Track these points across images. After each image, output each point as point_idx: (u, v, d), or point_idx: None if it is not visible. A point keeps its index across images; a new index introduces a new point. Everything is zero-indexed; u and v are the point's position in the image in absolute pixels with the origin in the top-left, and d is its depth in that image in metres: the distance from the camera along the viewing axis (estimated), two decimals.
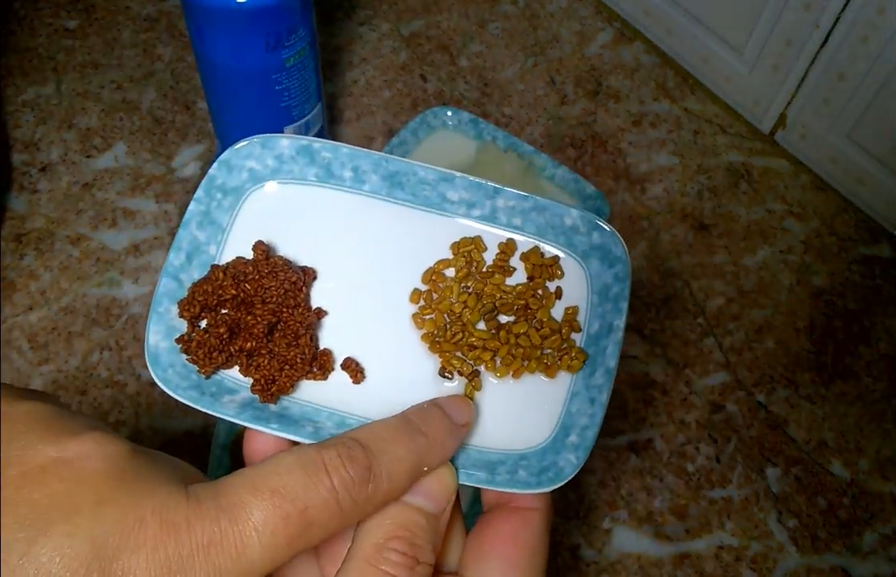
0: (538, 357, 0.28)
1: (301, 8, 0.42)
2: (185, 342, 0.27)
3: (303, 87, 0.45)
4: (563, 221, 0.29)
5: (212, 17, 0.40)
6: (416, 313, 0.29)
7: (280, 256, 0.29)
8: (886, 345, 0.51)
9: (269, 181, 0.30)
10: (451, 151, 0.56)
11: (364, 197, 0.30)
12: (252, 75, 0.43)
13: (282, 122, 0.45)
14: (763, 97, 0.59)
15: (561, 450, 0.26)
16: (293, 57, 0.43)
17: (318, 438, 0.26)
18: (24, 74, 0.59)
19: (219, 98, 0.46)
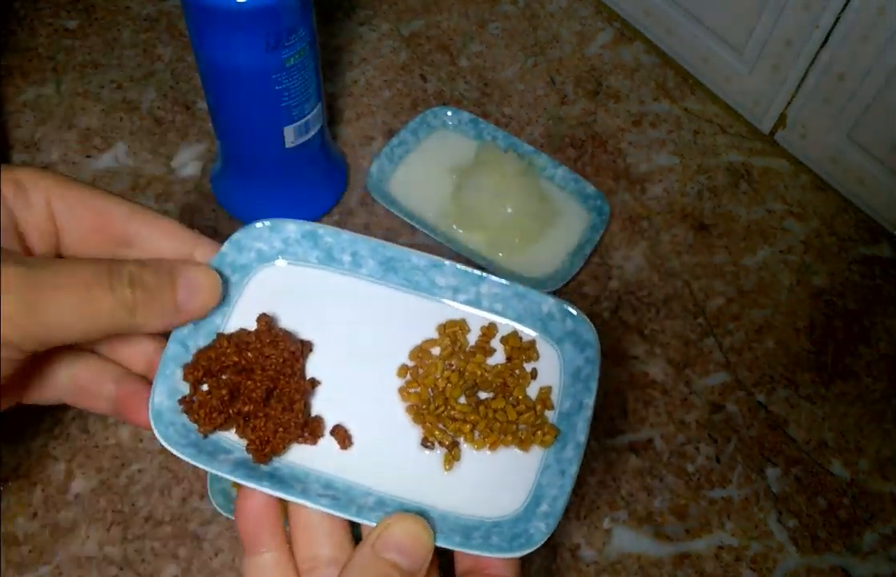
0: (514, 432, 0.30)
1: (301, 8, 0.42)
2: (187, 403, 0.29)
3: (303, 87, 0.45)
4: (540, 309, 0.32)
5: (211, 17, 0.40)
6: (403, 387, 0.31)
7: (281, 328, 0.31)
8: (886, 345, 0.51)
9: (275, 261, 0.33)
10: (451, 150, 0.56)
11: (360, 280, 0.33)
12: (252, 75, 0.43)
13: (282, 122, 0.45)
14: (763, 97, 0.59)
15: (532, 518, 0.28)
16: (293, 57, 0.43)
17: (306, 498, 0.27)
18: (25, 74, 0.59)
19: (218, 98, 0.46)
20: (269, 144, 0.47)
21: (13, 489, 0.43)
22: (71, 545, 0.41)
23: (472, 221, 0.51)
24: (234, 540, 0.42)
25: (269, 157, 0.48)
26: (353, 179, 0.56)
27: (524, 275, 0.50)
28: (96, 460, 0.44)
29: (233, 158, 0.50)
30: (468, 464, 0.30)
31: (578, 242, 0.52)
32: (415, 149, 0.55)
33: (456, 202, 0.52)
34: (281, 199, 0.51)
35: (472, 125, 0.56)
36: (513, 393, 0.31)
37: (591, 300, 0.52)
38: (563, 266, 0.50)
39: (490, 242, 0.51)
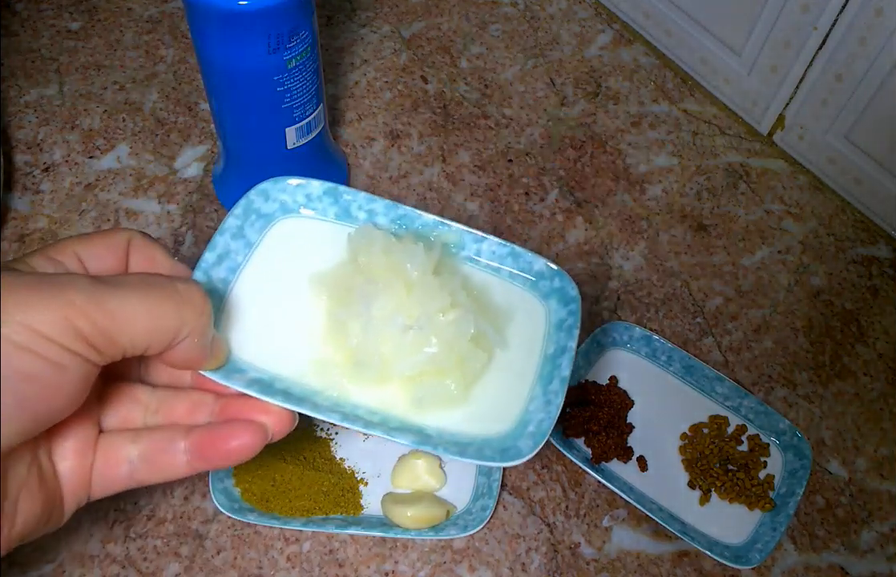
0: (746, 494, 0.45)
1: (303, 9, 0.42)
2: (566, 416, 0.46)
3: (304, 89, 0.45)
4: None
5: (213, 19, 0.40)
6: (682, 446, 0.46)
7: (620, 387, 0.47)
8: (884, 344, 0.52)
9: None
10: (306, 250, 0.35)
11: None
12: (254, 77, 0.43)
13: (283, 123, 0.46)
14: (761, 98, 0.59)
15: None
16: (295, 59, 0.43)
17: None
18: (27, 75, 0.60)
19: (220, 99, 0.46)
20: (271, 145, 0.47)
21: None
22: (74, 544, 0.41)
23: (372, 372, 0.31)
24: (236, 538, 0.42)
25: (271, 157, 0.48)
26: (355, 178, 0.56)
27: (474, 435, 0.31)
28: None
29: (235, 159, 0.50)
30: (714, 504, 0.44)
31: (543, 357, 0.33)
32: (251, 260, 0.34)
33: (337, 343, 0.32)
34: None
35: (332, 200, 0.35)
36: (751, 472, 0.45)
37: (591, 300, 0.52)
38: (533, 405, 0.32)
39: (409, 398, 0.32)
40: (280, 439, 0.30)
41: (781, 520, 0.43)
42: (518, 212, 0.56)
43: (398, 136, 0.59)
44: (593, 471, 0.44)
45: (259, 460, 0.43)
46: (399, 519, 0.41)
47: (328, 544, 0.42)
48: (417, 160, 0.58)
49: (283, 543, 0.42)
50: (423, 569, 0.42)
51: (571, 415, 0.46)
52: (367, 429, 0.30)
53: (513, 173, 0.58)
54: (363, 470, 0.44)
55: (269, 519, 0.41)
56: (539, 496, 0.44)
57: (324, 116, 0.49)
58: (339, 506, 0.42)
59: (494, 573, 0.42)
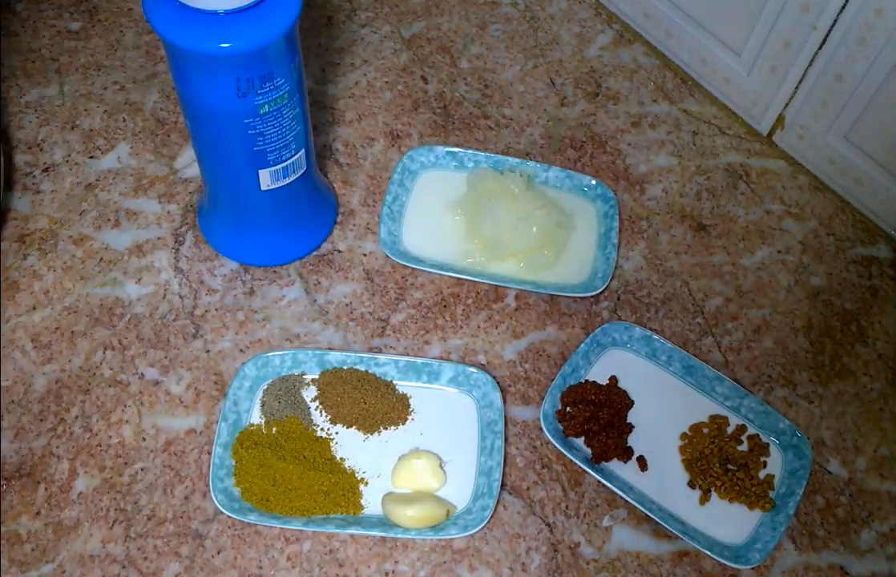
0: (747, 496, 0.44)
1: (277, 57, 0.40)
2: (560, 414, 0.46)
3: (280, 134, 0.43)
4: (777, 425, 0.47)
5: (185, 58, 0.39)
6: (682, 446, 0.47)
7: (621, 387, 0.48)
8: (883, 344, 0.52)
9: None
10: (440, 188, 0.55)
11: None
12: (224, 118, 0.42)
13: (257, 165, 0.44)
14: (761, 99, 0.59)
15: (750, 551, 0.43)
16: (268, 104, 0.41)
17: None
18: (28, 76, 0.60)
19: (196, 135, 0.45)
20: (245, 184, 0.46)
21: (16, 487, 0.43)
22: (74, 544, 0.41)
23: (499, 252, 0.52)
24: (237, 538, 0.42)
25: (245, 197, 0.47)
26: (355, 178, 0.56)
27: (567, 284, 0.50)
28: (99, 458, 0.44)
29: (213, 195, 0.49)
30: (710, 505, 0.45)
31: (599, 235, 0.53)
32: (409, 199, 0.54)
33: (475, 238, 0.52)
34: (259, 237, 0.50)
35: (451, 157, 0.56)
36: (751, 472, 0.45)
37: (591, 300, 0.52)
38: (598, 263, 0.52)
39: (523, 266, 0.52)
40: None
41: (781, 520, 0.43)
42: None
43: (398, 136, 0.59)
44: (593, 471, 0.44)
45: (259, 460, 0.43)
46: (399, 519, 0.41)
47: (328, 543, 0.42)
48: None
49: (283, 542, 0.42)
50: (423, 569, 0.42)
51: (571, 415, 0.46)
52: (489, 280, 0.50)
53: None
54: (363, 470, 0.44)
55: (270, 519, 0.41)
56: (539, 496, 0.44)
57: (306, 160, 0.47)
58: (340, 506, 0.42)
59: (494, 573, 0.42)
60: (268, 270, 0.52)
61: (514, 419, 0.47)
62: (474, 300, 0.51)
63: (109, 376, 0.47)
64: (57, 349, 0.47)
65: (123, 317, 0.49)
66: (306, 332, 0.49)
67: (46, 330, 0.48)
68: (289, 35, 0.40)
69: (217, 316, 0.49)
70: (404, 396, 0.46)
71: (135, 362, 0.47)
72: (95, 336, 0.48)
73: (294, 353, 0.47)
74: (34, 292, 0.50)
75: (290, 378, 0.46)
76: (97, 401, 0.46)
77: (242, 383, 0.46)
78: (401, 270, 0.52)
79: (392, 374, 0.47)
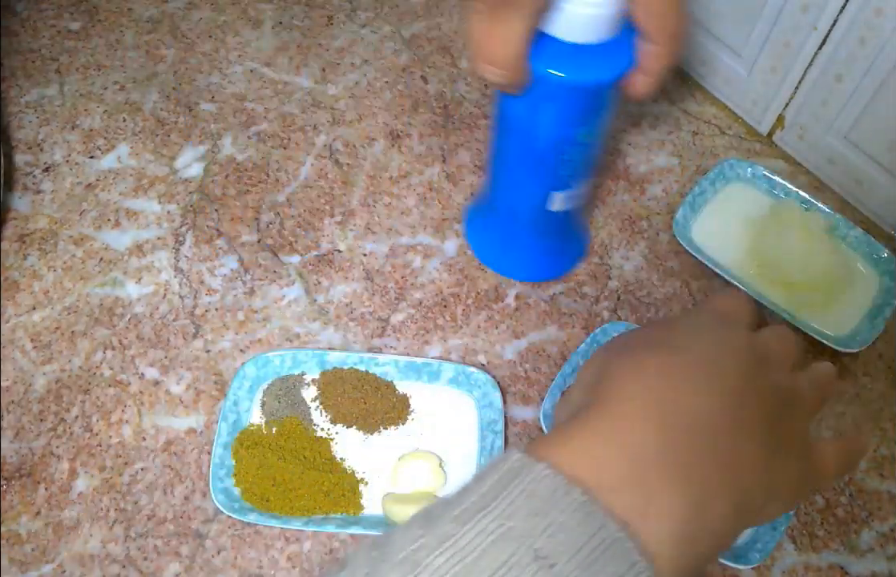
0: None
1: (607, 95, 0.41)
2: None
3: (583, 163, 0.45)
4: None
5: (536, 81, 0.40)
6: None
7: None
8: (883, 344, 0.52)
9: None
10: (744, 203, 0.57)
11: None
12: (546, 139, 0.43)
13: (553, 186, 0.46)
14: (761, 98, 0.59)
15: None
16: (587, 134, 0.43)
17: None
18: (28, 75, 0.60)
19: (505, 145, 0.46)
20: (532, 203, 0.47)
21: (16, 487, 0.43)
22: (74, 544, 0.41)
23: (772, 275, 0.52)
24: (236, 538, 0.42)
25: (528, 214, 0.48)
26: (355, 177, 0.56)
27: (826, 333, 0.50)
28: (99, 458, 0.44)
29: (493, 200, 0.50)
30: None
31: (874, 305, 0.52)
32: (713, 199, 0.57)
33: (755, 254, 0.53)
34: (521, 252, 0.52)
35: (766, 181, 0.57)
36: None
37: (591, 300, 0.52)
38: (862, 328, 0.51)
39: (791, 298, 0.52)
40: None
41: (781, 520, 0.43)
42: None
43: (398, 136, 0.59)
44: None
45: (259, 460, 0.43)
46: (399, 519, 0.41)
47: (328, 543, 0.42)
48: (418, 160, 0.58)
49: (283, 542, 0.42)
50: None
51: None
52: (758, 298, 0.50)
53: None
54: (363, 470, 0.44)
55: (270, 519, 0.41)
56: None
57: (587, 188, 0.49)
58: (340, 506, 0.42)
59: None
60: (268, 271, 0.52)
61: (514, 419, 0.47)
62: (474, 300, 0.51)
63: (109, 376, 0.47)
64: (57, 349, 0.48)
65: (123, 317, 0.49)
66: (306, 332, 0.49)
67: (46, 330, 0.48)
68: (625, 77, 0.40)
69: (217, 316, 0.50)
70: (404, 396, 0.46)
71: (135, 362, 0.47)
72: (95, 336, 0.48)
73: (294, 353, 0.47)
74: (34, 291, 0.50)
75: (290, 378, 0.46)
76: (97, 401, 0.46)
77: (242, 383, 0.46)
78: (401, 270, 0.52)
79: (392, 374, 0.47)
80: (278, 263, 0.52)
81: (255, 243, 0.53)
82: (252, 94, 0.61)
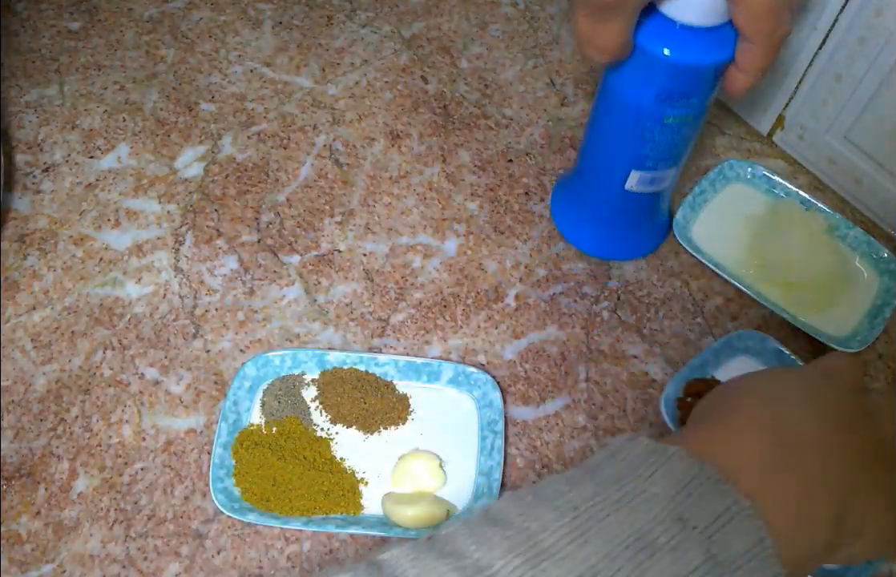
0: None
1: (702, 82, 0.42)
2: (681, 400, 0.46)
3: (666, 147, 0.45)
4: None
5: (638, 56, 0.41)
6: None
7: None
8: (883, 344, 0.52)
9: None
10: (744, 203, 0.57)
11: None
12: (631, 112, 0.43)
13: (633, 164, 0.46)
14: (761, 98, 0.59)
15: None
16: (674, 118, 0.43)
17: None
18: (28, 76, 0.60)
19: (599, 117, 0.47)
20: (613, 177, 0.48)
21: (16, 487, 0.43)
22: (74, 544, 0.41)
23: (772, 274, 0.52)
24: (236, 538, 0.42)
25: (607, 189, 0.50)
26: (354, 176, 0.56)
27: (826, 333, 0.50)
28: (99, 458, 0.44)
29: (578, 173, 0.52)
30: None
31: (874, 305, 0.52)
32: (713, 199, 0.57)
33: (755, 254, 0.53)
34: (597, 229, 0.53)
35: (766, 181, 0.57)
36: None
37: (591, 300, 0.52)
38: (862, 328, 0.51)
39: (791, 297, 0.51)
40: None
41: (870, 566, 0.42)
42: (518, 212, 0.56)
43: (398, 136, 0.59)
44: None
45: (259, 461, 0.43)
46: (399, 519, 0.41)
47: (328, 543, 0.42)
48: (417, 160, 0.58)
49: (283, 542, 0.42)
50: None
51: (692, 404, 0.46)
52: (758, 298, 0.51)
53: (513, 173, 0.58)
54: (363, 470, 0.44)
55: (270, 519, 0.41)
56: None
57: (671, 181, 0.49)
58: (340, 506, 0.42)
59: None
60: (268, 271, 0.52)
61: (514, 419, 0.47)
62: (474, 300, 0.51)
63: (109, 376, 0.47)
64: (57, 349, 0.48)
65: (123, 317, 0.49)
66: (306, 332, 0.49)
67: (46, 330, 0.48)
68: (720, 68, 0.41)
69: (217, 316, 0.50)
70: (404, 396, 0.46)
71: (135, 362, 0.47)
72: (95, 336, 0.48)
73: (294, 353, 0.47)
74: (34, 291, 0.50)
75: (290, 378, 0.46)
76: (97, 401, 0.46)
77: (242, 382, 0.46)
78: (401, 270, 0.52)
79: (392, 374, 0.47)
80: (278, 263, 0.52)
81: (255, 243, 0.53)
82: (252, 95, 0.61)
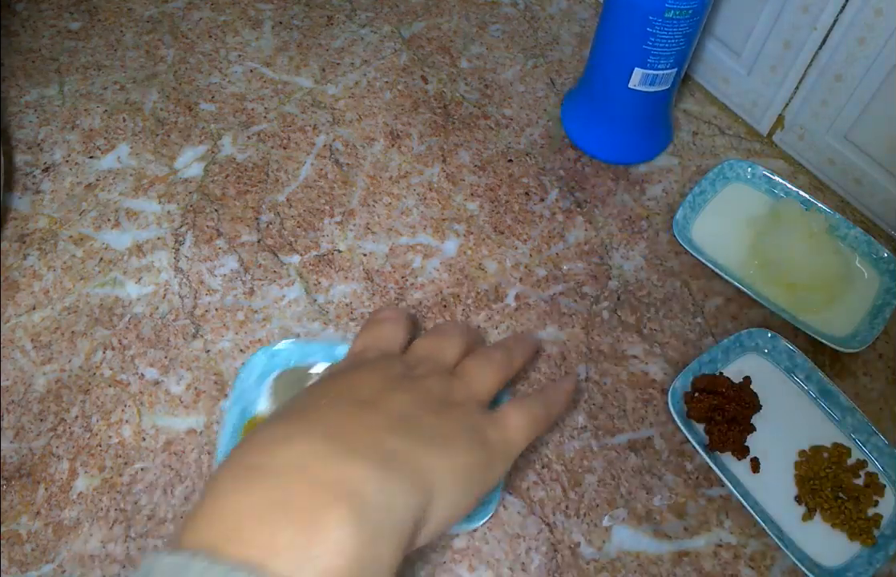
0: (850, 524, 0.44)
1: None
2: (688, 397, 0.47)
3: (667, 44, 0.46)
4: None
5: None
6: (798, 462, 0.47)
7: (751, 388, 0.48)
8: (883, 344, 0.52)
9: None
10: (745, 203, 0.57)
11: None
12: (637, 5, 0.44)
13: (636, 61, 0.47)
14: (761, 98, 0.59)
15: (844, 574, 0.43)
16: (675, 12, 0.44)
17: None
18: (28, 75, 0.60)
19: (605, 16, 0.49)
20: (618, 76, 0.49)
21: (16, 487, 0.43)
22: (74, 544, 0.41)
23: (773, 275, 0.52)
24: None
25: (614, 88, 0.52)
26: (354, 177, 0.56)
27: (826, 333, 0.50)
28: (99, 458, 0.44)
29: (587, 79, 0.55)
30: (814, 524, 0.45)
31: (874, 305, 0.52)
32: (713, 198, 0.57)
33: (756, 254, 0.53)
34: (603, 130, 0.56)
35: (766, 180, 0.57)
36: (860, 505, 0.45)
37: (591, 300, 0.52)
38: (862, 328, 0.51)
39: (791, 298, 0.52)
40: None
41: (879, 558, 0.43)
42: (518, 212, 0.56)
43: (398, 136, 0.59)
44: (706, 455, 0.45)
45: None
46: None
47: None
48: (417, 160, 0.58)
49: None
50: (423, 568, 0.42)
51: (698, 399, 0.47)
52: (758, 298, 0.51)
53: (513, 173, 0.58)
54: None
55: None
56: (539, 496, 0.44)
57: (673, 81, 0.50)
58: None
59: (494, 573, 0.42)
60: (268, 271, 0.52)
61: None
62: (474, 300, 0.51)
63: (109, 376, 0.47)
64: (57, 349, 0.48)
65: (123, 317, 0.49)
66: (306, 332, 0.49)
67: (46, 330, 0.48)
68: None
69: (217, 316, 0.50)
70: None
71: (135, 362, 0.47)
72: (95, 336, 0.48)
73: (302, 345, 0.46)
74: (34, 291, 0.50)
75: (298, 370, 0.46)
76: (97, 401, 0.46)
77: (250, 373, 0.45)
78: (401, 270, 0.52)
79: None
80: (278, 263, 0.52)
81: (255, 243, 0.53)
82: (252, 94, 0.61)
